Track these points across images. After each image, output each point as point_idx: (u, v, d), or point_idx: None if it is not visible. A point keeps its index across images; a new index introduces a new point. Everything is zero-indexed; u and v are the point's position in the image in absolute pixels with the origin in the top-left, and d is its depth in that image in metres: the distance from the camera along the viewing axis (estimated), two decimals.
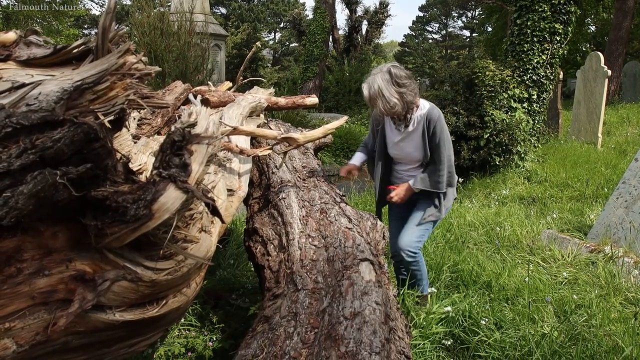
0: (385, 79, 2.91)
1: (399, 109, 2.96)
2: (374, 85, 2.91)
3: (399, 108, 2.95)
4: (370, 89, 2.94)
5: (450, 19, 48.32)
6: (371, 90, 2.93)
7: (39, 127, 1.21)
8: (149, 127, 2.91)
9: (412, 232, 3.18)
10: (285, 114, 10.22)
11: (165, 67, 8.09)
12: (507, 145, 7.87)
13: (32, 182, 1.12)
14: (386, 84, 2.90)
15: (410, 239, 3.17)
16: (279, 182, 2.94)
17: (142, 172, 2.18)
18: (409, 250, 3.15)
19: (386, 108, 2.93)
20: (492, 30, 25.95)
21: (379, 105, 2.93)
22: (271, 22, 39.78)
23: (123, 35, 1.65)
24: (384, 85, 2.89)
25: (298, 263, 2.21)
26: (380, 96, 2.90)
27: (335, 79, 20.50)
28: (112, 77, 1.44)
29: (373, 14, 24.04)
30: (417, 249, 3.18)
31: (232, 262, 4.31)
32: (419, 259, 3.22)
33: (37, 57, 1.59)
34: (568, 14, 8.43)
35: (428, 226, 3.23)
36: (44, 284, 1.32)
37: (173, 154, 1.46)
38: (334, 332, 1.69)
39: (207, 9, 13.60)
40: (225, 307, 3.35)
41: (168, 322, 1.85)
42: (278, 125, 3.96)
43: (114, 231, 1.34)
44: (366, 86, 2.96)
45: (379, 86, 2.90)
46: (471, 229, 5.25)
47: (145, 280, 1.50)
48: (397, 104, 2.92)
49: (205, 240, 1.87)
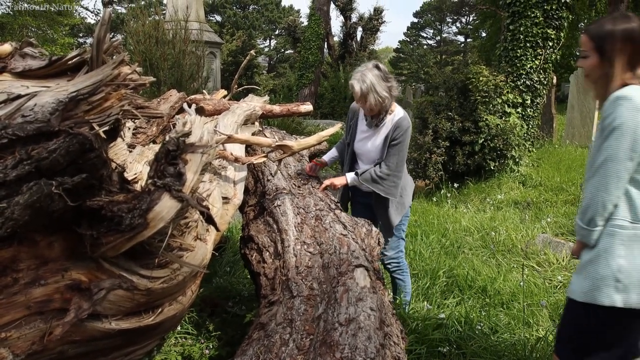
0: (375, 74, 2.90)
1: (387, 104, 2.97)
2: (366, 81, 2.88)
3: (388, 102, 2.96)
4: (362, 85, 2.89)
5: (445, 25, 48.57)
6: (363, 85, 2.88)
7: (35, 138, 1.22)
8: (145, 136, 2.92)
9: (392, 245, 3.29)
10: (280, 121, 10.25)
11: (161, 75, 8.11)
12: (501, 150, 7.91)
13: (28, 193, 1.13)
14: (377, 79, 2.89)
15: (392, 253, 3.31)
16: (274, 190, 2.95)
17: (138, 181, 2.19)
18: (392, 261, 3.33)
19: (377, 103, 2.91)
20: (486, 36, 26.08)
21: (370, 101, 2.90)
22: (266, 29, 39.93)
23: (118, 46, 1.67)
24: (376, 81, 2.88)
25: (293, 270, 2.22)
26: (373, 91, 2.88)
27: (331, 86, 20.57)
28: (107, 88, 1.46)
29: (368, 20, 24.17)
30: (399, 257, 3.33)
31: (229, 269, 4.31)
32: (403, 267, 3.34)
33: (32, 68, 1.60)
34: (560, 20, 8.49)
35: (400, 228, 3.30)
36: (39, 293, 1.33)
37: (168, 163, 1.48)
38: (329, 339, 1.70)
39: (202, 17, 13.65)
40: (221, 315, 3.35)
41: (164, 330, 1.86)
42: (273, 132, 3.98)
43: (109, 240, 1.35)
44: (356, 82, 2.91)
45: (370, 81, 2.87)
46: (466, 234, 5.27)
47: (140, 288, 1.51)
48: (387, 97, 2.93)
49: (201, 248, 1.88)
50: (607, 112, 1.82)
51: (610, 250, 1.83)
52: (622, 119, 1.76)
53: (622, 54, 1.82)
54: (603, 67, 1.87)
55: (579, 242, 1.96)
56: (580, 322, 1.95)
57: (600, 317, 1.87)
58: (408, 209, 3.30)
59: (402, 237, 3.33)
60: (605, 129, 1.81)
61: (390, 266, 3.34)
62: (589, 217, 1.87)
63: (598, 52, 1.88)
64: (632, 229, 1.82)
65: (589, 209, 1.86)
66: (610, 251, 1.83)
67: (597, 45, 1.88)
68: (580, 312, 1.93)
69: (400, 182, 3.12)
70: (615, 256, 1.82)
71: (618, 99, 1.79)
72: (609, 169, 1.80)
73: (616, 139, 1.77)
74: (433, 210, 6.40)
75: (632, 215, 1.83)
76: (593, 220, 1.85)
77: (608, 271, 1.82)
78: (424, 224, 5.66)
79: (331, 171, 10.93)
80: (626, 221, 1.83)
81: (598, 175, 1.83)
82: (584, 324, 1.93)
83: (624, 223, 1.83)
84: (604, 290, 1.82)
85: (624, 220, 1.83)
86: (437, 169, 8.00)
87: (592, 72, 1.93)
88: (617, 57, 1.83)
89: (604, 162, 1.81)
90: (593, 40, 1.89)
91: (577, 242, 2.00)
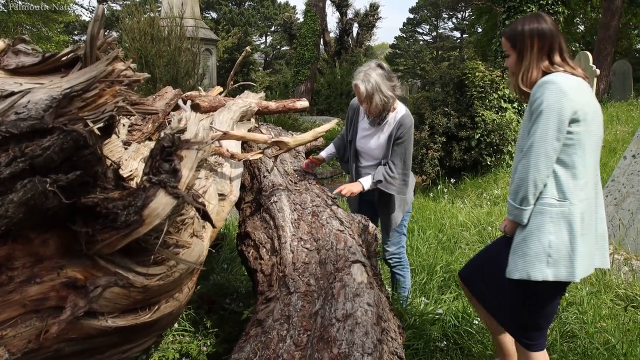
0: (379, 74, 2.88)
1: (391, 103, 2.96)
2: (371, 81, 2.85)
3: (392, 102, 2.95)
4: (367, 85, 2.85)
5: (441, 21, 48.53)
6: (368, 86, 2.85)
7: (28, 135, 1.22)
8: (140, 132, 2.91)
9: (393, 240, 3.31)
10: (277, 117, 10.23)
11: (156, 72, 8.09)
12: (498, 145, 7.93)
13: (22, 190, 1.12)
14: (381, 79, 2.87)
15: (393, 249, 3.33)
16: (270, 186, 2.95)
17: (133, 178, 2.18)
18: (394, 256, 3.35)
19: (382, 102, 2.89)
20: (482, 31, 26.09)
21: (376, 101, 2.88)
22: (262, 25, 39.82)
23: (112, 42, 1.66)
24: (380, 80, 2.86)
25: (290, 266, 2.22)
26: (378, 91, 2.85)
27: (327, 82, 20.56)
28: (101, 84, 1.45)
29: (363, 16, 24.13)
30: (400, 253, 3.35)
31: (226, 266, 4.31)
32: (404, 263, 3.35)
33: (25, 65, 1.59)
34: (556, 14, 8.51)
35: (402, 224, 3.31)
36: (35, 291, 1.32)
37: (163, 159, 1.47)
38: (327, 334, 1.70)
39: (197, 14, 13.61)
40: (219, 312, 3.35)
41: (161, 327, 1.86)
42: (269, 129, 3.97)
43: (104, 237, 1.34)
44: (361, 83, 2.87)
45: (375, 81, 2.85)
46: (463, 229, 5.28)
47: (137, 286, 1.51)
48: (392, 97, 2.92)
49: (197, 245, 1.88)
50: (534, 96, 1.97)
51: (541, 228, 1.97)
52: (549, 102, 1.91)
53: (533, 48, 2.04)
54: (520, 61, 2.08)
55: (511, 221, 2.08)
56: (520, 300, 2.09)
57: (535, 291, 2.03)
58: (410, 205, 3.31)
59: (403, 232, 3.34)
60: (534, 112, 1.95)
61: (392, 261, 3.36)
62: (521, 197, 1.99)
63: (514, 50, 2.10)
64: (559, 207, 1.96)
65: (520, 189, 1.98)
66: (542, 229, 1.96)
67: (513, 44, 2.10)
68: (519, 290, 2.07)
69: (409, 179, 3.14)
70: (546, 233, 1.96)
71: (545, 83, 1.95)
72: (539, 150, 1.92)
73: (544, 121, 1.91)
74: (430, 205, 6.40)
75: (559, 193, 1.97)
76: (526, 198, 1.98)
77: (540, 247, 1.96)
78: (421, 220, 5.66)
79: (328, 167, 10.93)
80: (554, 199, 1.97)
81: (528, 156, 1.95)
82: (524, 301, 2.08)
83: (552, 201, 1.97)
84: (537, 266, 1.96)
85: (552, 199, 1.97)
86: (433, 164, 8.01)
87: (514, 67, 2.13)
88: (528, 52, 2.05)
89: (533, 143, 1.94)
90: (509, 41, 2.12)
91: (508, 222, 2.11)
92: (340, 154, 3.42)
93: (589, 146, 1.99)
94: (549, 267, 1.95)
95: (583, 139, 1.95)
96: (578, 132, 1.94)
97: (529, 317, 2.11)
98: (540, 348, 2.15)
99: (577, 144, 1.95)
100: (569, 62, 2.05)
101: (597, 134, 2.02)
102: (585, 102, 1.95)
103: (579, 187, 1.97)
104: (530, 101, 1.99)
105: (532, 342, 2.14)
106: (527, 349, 2.16)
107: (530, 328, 2.13)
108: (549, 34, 2.04)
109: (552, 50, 2.04)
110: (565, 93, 1.91)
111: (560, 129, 1.90)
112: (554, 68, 2.02)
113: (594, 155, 2.04)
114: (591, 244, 2.03)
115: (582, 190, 1.98)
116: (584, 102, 1.95)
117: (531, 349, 2.15)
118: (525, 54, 2.06)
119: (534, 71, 2.04)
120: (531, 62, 2.05)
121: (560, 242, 1.95)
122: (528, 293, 2.06)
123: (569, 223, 1.96)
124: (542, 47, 2.03)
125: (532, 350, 2.15)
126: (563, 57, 2.05)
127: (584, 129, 1.95)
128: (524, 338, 2.16)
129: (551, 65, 2.03)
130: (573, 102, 1.91)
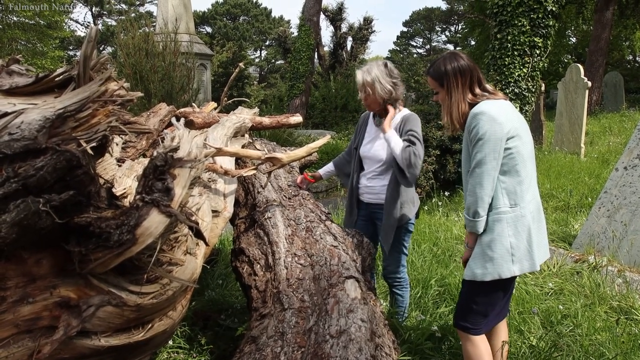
0: (380, 70, 3.04)
1: (395, 96, 3.06)
2: (371, 72, 3.02)
3: (394, 95, 3.06)
4: (366, 75, 3.02)
5: (434, 34, 49.00)
6: (367, 76, 3.02)
7: (22, 155, 1.23)
8: (134, 149, 2.92)
9: (392, 259, 3.26)
10: (272, 131, 10.26)
11: (151, 87, 8.11)
12: None
13: (15, 211, 1.13)
14: (382, 73, 3.02)
15: (392, 268, 3.29)
16: (264, 202, 2.96)
17: (127, 196, 2.19)
18: (392, 275, 3.32)
19: (384, 91, 3.00)
20: (475, 44, 26.34)
21: (377, 89, 2.99)
22: (257, 40, 40.08)
23: (105, 62, 1.68)
24: (380, 74, 3.01)
25: (284, 282, 2.22)
26: (378, 81, 3.00)
27: (322, 96, 20.61)
28: (94, 104, 1.46)
29: (357, 30, 24.32)
30: (400, 272, 3.31)
31: (221, 282, 4.29)
32: (403, 282, 3.32)
33: (19, 86, 1.60)
34: (547, 28, 8.60)
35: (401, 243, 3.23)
36: (28, 311, 1.32)
37: (156, 178, 1.48)
38: (321, 351, 1.71)
39: (192, 29, 13.69)
40: (214, 328, 3.33)
41: (154, 345, 1.85)
42: (263, 144, 3.99)
43: (97, 257, 1.35)
44: (361, 73, 3.05)
45: (375, 73, 3.01)
46: (458, 242, 5.28)
47: (130, 304, 1.51)
48: (392, 91, 3.04)
49: (191, 262, 1.88)
50: (470, 126, 2.25)
51: (502, 234, 2.25)
52: (484, 130, 2.19)
53: (458, 85, 2.34)
54: (450, 98, 2.37)
55: (470, 233, 2.35)
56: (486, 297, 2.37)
57: (497, 287, 2.34)
58: (411, 221, 3.21)
59: (404, 252, 3.27)
60: (472, 140, 2.25)
61: (390, 280, 3.33)
62: (473, 211, 2.27)
63: (442, 88, 2.39)
64: (512, 212, 2.26)
65: (472, 204, 2.26)
66: (503, 234, 2.25)
67: (440, 83, 2.39)
68: (484, 290, 2.34)
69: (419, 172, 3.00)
70: (506, 236, 2.25)
71: (477, 115, 2.23)
72: (481, 170, 2.22)
73: (482, 146, 2.20)
74: (424, 218, 6.41)
75: (510, 201, 2.27)
76: (477, 212, 2.26)
77: (504, 250, 2.25)
78: (416, 233, 5.66)
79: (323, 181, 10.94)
80: (507, 207, 2.26)
81: (473, 176, 2.25)
82: (492, 298, 2.38)
83: (506, 209, 2.26)
84: (504, 266, 2.25)
85: (505, 207, 2.26)
86: (428, 177, 8.03)
87: (443, 102, 2.42)
88: (454, 89, 2.35)
89: (476, 166, 2.23)
90: (436, 81, 2.40)
91: (468, 234, 2.38)
92: (340, 172, 3.49)
93: (526, 153, 2.30)
94: (514, 265, 2.26)
95: (521, 149, 2.26)
96: (516, 146, 2.24)
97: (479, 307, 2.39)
98: (479, 333, 2.42)
99: (517, 155, 2.25)
100: (488, 89, 2.37)
101: (530, 141, 2.35)
102: (513, 120, 2.26)
103: (525, 190, 2.28)
104: (467, 130, 2.28)
105: (475, 327, 2.40)
106: (468, 333, 2.41)
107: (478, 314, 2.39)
108: (467, 69, 2.33)
109: (472, 84, 2.35)
110: (494, 119, 2.19)
111: (496, 149, 2.19)
112: (478, 98, 2.32)
113: (531, 159, 2.36)
114: (543, 233, 2.39)
115: (528, 192, 2.30)
116: (512, 119, 2.26)
117: (470, 332, 2.41)
118: (452, 91, 2.35)
119: (462, 104, 2.34)
120: (458, 97, 2.34)
121: (519, 242, 2.26)
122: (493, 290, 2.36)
123: (524, 224, 2.27)
124: (464, 83, 2.34)
125: (472, 334, 2.41)
126: (482, 86, 2.36)
127: (519, 142, 2.25)
128: (467, 323, 2.41)
129: (474, 97, 2.34)
130: (503, 125, 2.19)
